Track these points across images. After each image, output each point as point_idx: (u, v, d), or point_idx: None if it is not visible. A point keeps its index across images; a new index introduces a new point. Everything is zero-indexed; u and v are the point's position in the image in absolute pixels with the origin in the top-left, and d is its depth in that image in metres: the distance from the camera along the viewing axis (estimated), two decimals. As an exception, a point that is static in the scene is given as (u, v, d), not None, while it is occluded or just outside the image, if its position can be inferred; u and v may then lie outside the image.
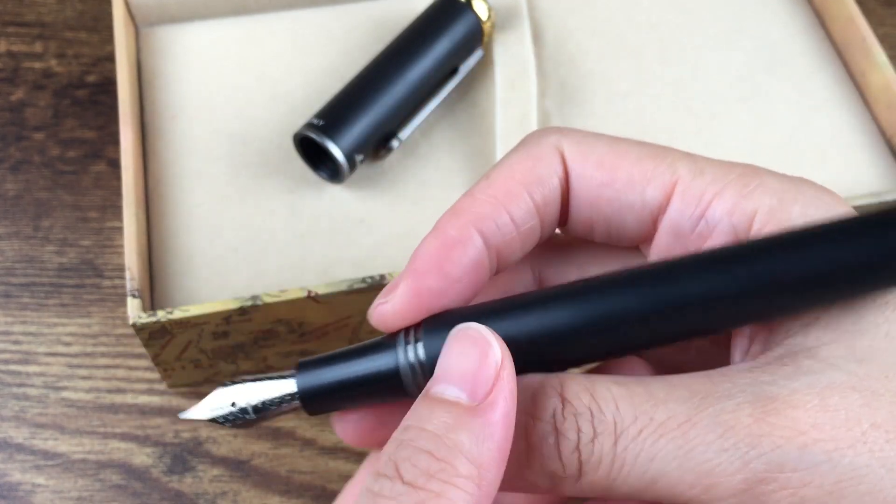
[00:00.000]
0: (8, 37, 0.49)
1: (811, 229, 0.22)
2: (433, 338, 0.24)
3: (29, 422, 0.42)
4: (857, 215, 0.22)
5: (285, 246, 0.42)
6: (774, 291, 0.22)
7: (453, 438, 0.21)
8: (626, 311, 0.23)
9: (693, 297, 0.22)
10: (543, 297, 0.24)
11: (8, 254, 0.45)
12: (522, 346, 0.23)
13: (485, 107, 0.45)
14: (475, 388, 0.22)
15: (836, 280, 0.22)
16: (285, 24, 0.46)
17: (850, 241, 0.22)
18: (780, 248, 0.22)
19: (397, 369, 0.24)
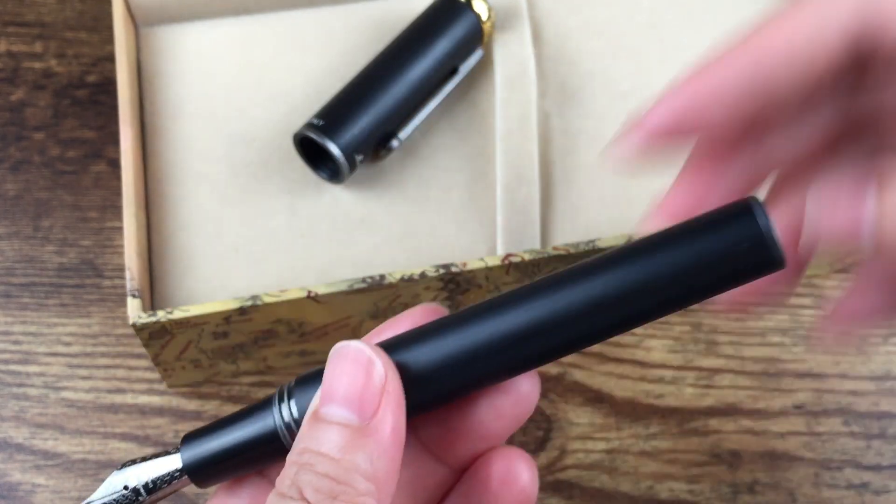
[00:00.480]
0: (8, 37, 0.49)
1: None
2: (304, 393, 0.25)
3: (29, 422, 0.42)
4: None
5: (285, 246, 0.42)
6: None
7: (349, 460, 0.22)
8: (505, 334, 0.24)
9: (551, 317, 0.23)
10: (432, 327, 0.25)
11: (8, 254, 0.45)
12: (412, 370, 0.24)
13: (485, 107, 0.45)
14: (363, 408, 0.23)
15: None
16: (285, 24, 0.46)
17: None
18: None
19: (276, 431, 0.25)
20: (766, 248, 0.22)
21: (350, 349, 0.24)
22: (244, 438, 0.26)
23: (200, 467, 0.26)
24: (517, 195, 0.42)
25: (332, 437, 0.22)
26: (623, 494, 0.42)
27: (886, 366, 0.44)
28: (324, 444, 0.22)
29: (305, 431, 0.23)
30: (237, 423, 0.26)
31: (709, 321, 0.45)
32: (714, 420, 0.43)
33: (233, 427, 0.26)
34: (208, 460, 0.26)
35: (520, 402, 0.26)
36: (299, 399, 0.25)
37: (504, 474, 0.27)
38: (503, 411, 0.26)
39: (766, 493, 0.42)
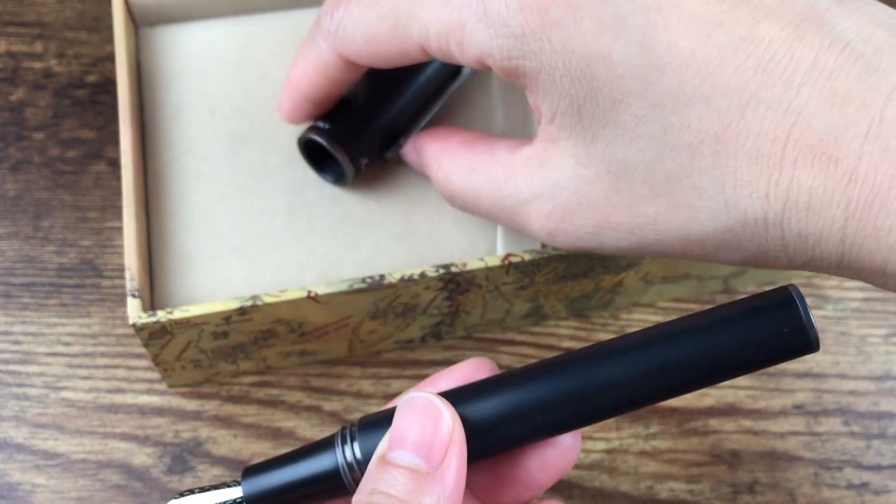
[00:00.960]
0: (8, 37, 0.49)
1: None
2: (368, 436, 0.27)
3: (29, 422, 0.42)
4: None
5: (285, 246, 0.42)
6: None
7: (418, 502, 0.24)
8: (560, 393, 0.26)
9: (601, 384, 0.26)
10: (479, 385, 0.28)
11: (8, 254, 0.45)
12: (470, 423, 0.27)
13: (485, 107, 0.45)
14: (431, 455, 0.25)
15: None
16: (285, 24, 0.46)
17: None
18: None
19: (337, 469, 0.27)
20: (807, 334, 0.25)
21: (421, 399, 0.26)
22: (305, 475, 0.27)
23: (260, 500, 0.27)
24: (517, 195, 0.42)
25: (402, 479, 0.25)
26: (623, 494, 0.42)
27: (886, 366, 0.44)
28: (393, 487, 0.24)
29: (374, 474, 0.25)
30: (299, 459, 0.28)
31: (709, 321, 0.45)
32: (714, 420, 0.43)
33: (294, 463, 0.27)
34: (268, 493, 0.27)
35: (564, 455, 0.29)
36: (363, 441, 0.27)
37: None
38: (549, 463, 0.28)
39: (766, 493, 0.42)
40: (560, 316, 0.45)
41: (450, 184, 0.35)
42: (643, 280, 0.43)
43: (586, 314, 0.45)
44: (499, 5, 0.29)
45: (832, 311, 0.45)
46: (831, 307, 0.45)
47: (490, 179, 0.33)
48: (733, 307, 0.26)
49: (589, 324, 0.45)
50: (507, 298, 0.41)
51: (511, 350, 0.44)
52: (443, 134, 0.37)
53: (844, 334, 0.45)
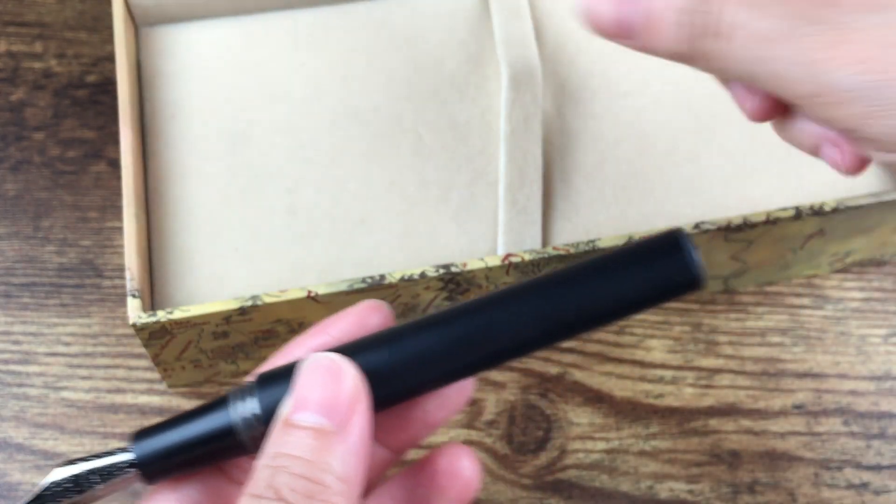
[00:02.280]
0: (8, 37, 0.49)
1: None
2: (266, 390, 0.26)
3: (29, 422, 0.42)
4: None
5: (285, 246, 0.42)
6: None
7: (324, 462, 0.24)
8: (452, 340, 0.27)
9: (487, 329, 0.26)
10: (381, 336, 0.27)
11: (8, 254, 0.45)
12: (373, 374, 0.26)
13: (485, 107, 0.45)
14: (335, 414, 0.25)
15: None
16: (285, 24, 0.46)
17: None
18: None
19: (230, 426, 0.26)
20: (696, 275, 0.26)
21: (322, 359, 0.26)
22: (200, 432, 0.27)
23: (151, 461, 0.27)
24: (519, 195, 0.42)
25: (306, 440, 0.24)
26: (623, 494, 0.42)
27: (886, 366, 0.44)
28: (297, 448, 0.24)
29: (277, 437, 0.25)
30: (193, 418, 0.27)
31: (708, 321, 0.45)
32: (714, 420, 0.43)
33: (188, 422, 0.27)
34: (161, 454, 0.27)
35: (461, 392, 0.29)
36: (261, 397, 0.26)
37: (450, 470, 0.29)
38: (446, 401, 0.29)
39: (766, 493, 0.42)
40: (560, 316, 0.45)
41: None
42: (643, 280, 0.43)
43: (586, 314, 0.45)
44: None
45: (832, 311, 0.45)
46: (831, 307, 0.45)
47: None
48: (622, 250, 0.27)
49: (589, 324, 0.45)
50: (507, 298, 0.41)
51: (511, 350, 0.44)
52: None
53: (844, 334, 0.45)
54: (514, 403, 0.43)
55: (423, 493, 0.29)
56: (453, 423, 0.43)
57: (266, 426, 0.26)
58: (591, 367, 0.44)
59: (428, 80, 0.45)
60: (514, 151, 0.42)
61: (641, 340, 0.45)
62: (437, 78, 0.45)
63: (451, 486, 0.29)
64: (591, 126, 0.45)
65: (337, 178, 0.43)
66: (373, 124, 0.44)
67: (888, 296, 0.46)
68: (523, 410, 0.43)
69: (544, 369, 0.44)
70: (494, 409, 0.43)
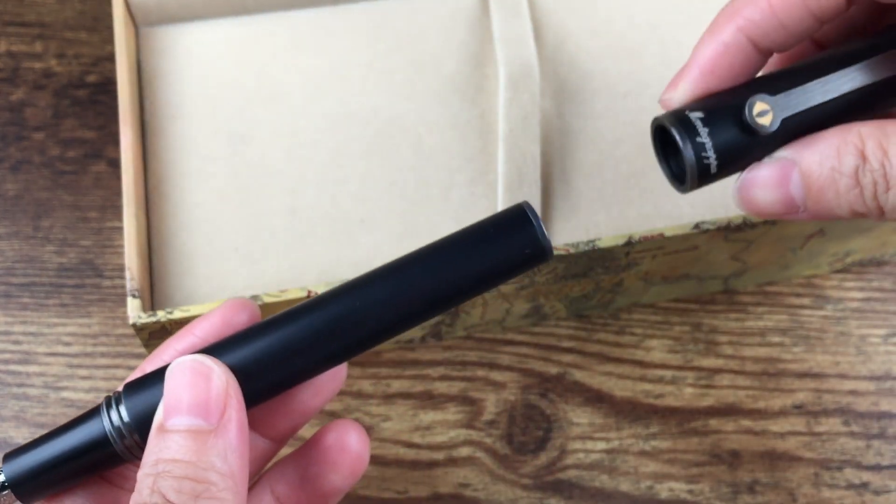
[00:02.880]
0: (8, 37, 0.49)
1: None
2: (134, 398, 0.26)
3: (29, 422, 0.42)
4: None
5: (285, 246, 0.42)
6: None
7: (205, 461, 0.24)
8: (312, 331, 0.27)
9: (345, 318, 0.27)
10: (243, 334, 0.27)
11: (8, 254, 0.45)
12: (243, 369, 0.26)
13: (485, 107, 0.45)
14: (209, 413, 0.25)
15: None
16: (285, 24, 0.46)
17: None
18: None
19: (105, 436, 0.26)
20: (543, 247, 0.27)
21: (188, 362, 0.26)
22: (71, 446, 0.26)
23: (24, 480, 0.26)
24: (518, 195, 0.42)
25: (184, 443, 0.25)
26: (623, 494, 0.42)
27: (886, 366, 0.44)
28: (177, 452, 0.24)
29: (154, 445, 0.25)
30: (62, 433, 0.27)
31: (709, 321, 0.45)
32: (714, 420, 0.43)
33: (58, 438, 0.26)
34: (33, 472, 0.26)
35: (334, 378, 0.30)
36: (129, 403, 0.26)
37: (339, 444, 0.30)
38: (320, 388, 0.29)
39: (766, 493, 0.42)
40: (560, 316, 0.45)
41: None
42: (643, 280, 0.43)
43: (586, 314, 0.45)
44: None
45: (832, 311, 0.45)
46: (831, 307, 0.45)
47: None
48: (473, 228, 0.28)
49: (589, 324, 0.45)
50: (507, 298, 0.41)
51: (511, 350, 0.44)
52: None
53: (844, 334, 0.45)
54: (514, 403, 0.43)
55: (315, 471, 0.30)
56: (453, 424, 0.43)
57: (138, 434, 0.26)
58: (591, 367, 0.44)
59: (428, 80, 0.45)
60: (512, 151, 0.42)
61: (641, 340, 0.45)
62: (437, 78, 0.45)
63: (342, 461, 0.30)
64: (591, 126, 0.45)
65: (337, 178, 0.43)
66: (373, 124, 0.44)
67: (888, 296, 0.46)
68: (523, 410, 0.43)
69: (544, 369, 0.44)
70: (494, 409, 0.43)
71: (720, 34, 0.28)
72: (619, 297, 0.44)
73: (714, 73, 0.28)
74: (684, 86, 0.29)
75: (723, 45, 0.28)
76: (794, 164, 0.27)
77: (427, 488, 0.42)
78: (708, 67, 0.28)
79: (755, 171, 0.28)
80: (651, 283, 0.43)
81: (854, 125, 0.27)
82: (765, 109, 0.27)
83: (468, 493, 0.41)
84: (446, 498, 0.41)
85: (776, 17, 0.28)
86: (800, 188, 0.27)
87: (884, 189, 0.26)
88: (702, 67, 0.29)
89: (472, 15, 0.47)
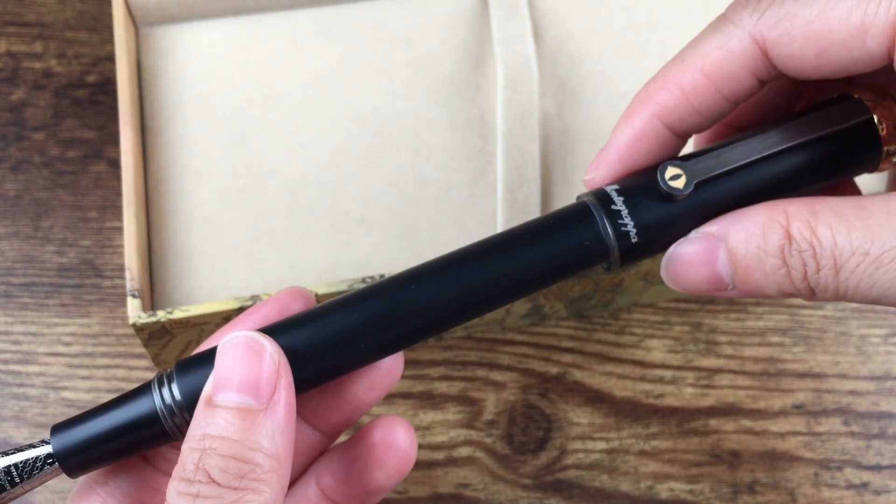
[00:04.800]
0: (8, 37, 0.49)
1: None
2: (186, 376, 0.26)
3: (29, 422, 0.42)
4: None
5: (285, 246, 0.42)
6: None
7: (252, 441, 0.24)
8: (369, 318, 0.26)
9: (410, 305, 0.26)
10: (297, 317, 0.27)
11: (8, 254, 0.45)
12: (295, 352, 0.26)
13: (485, 107, 0.45)
14: (259, 392, 0.24)
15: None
16: (285, 24, 0.46)
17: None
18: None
19: (155, 413, 0.26)
20: (604, 241, 0.27)
21: (242, 338, 0.25)
22: (120, 422, 0.26)
23: (71, 453, 0.26)
24: (518, 195, 0.42)
25: (232, 420, 0.24)
26: (623, 494, 0.42)
27: (886, 366, 0.44)
28: (224, 429, 0.24)
29: (201, 418, 0.24)
30: (113, 408, 0.26)
31: (709, 321, 0.45)
32: (714, 420, 0.43)
33: (107, 413, 0.26)
34: (81, 446, 0.26)
35: (388, 374, 0.29)
36: (181, 382, 0.26)
37: (386, 441, 0.29)
38: (374, 383, 0.29)
39: (766, 493, 0.42)
40: (560, 316, 0.45)
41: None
42: (643, 280, 0.43)
43: (586, 314, 0.45)
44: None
45: (832, 311, 0.45)
46: (831, 307, 0.45)
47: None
48: (536, 223, 0.27)
49: (589, 324, 0.45)
50: (507, 298, 0.41)
51: (511, 350, 0.44)
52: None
53: (844, 334, 0.45)
54: (514, 403, 0.43)
55: (360, 466, 0.29)
56: (453, 423, 0.43)
57: (188, 412, 0.26)
58: (591, 367, 0.44)
59: (428, 80, 0.45)
60: (511, 151, 0.42)
61: (641, 340, 0.45)
62: (436, 78, 0.45)
63: (388, 459, 0.29)
64: (591, 126, 0.45)
65: (337, 178, 0.43)
66: (373, 124, 0.44)
67: (888, 296, 0.46)
68: (523, 410, 0.43)
69: (544, 369, 0.44)
70: (494, 409, 0.43)
71: (635, 120, 0.28)
72: (619, 297, 0.44)
73: (633, 156, 0.28)
74: (604, 168, 0.28)
75: (639, 130, 0.28)
76: (720, 241, 0.26)
77: (427, 488, 0.42)
78: (626, 151, 0.28)
79: (681, 246, 0.27)
80: (651, 282, 0.43)
81: (782, 202, 0.25)
82: (677, 173, 0.27)
83: (468, 493, 0.42)
84: (446, 498, 0.41)
85: (689, 102, 0.27)
86: (727, 266, 0.26)
87: (814, 270, 0.25)
88: (620, 152, 0.28)
89: (471, 15, 0.47)
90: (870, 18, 0.24)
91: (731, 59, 0.27)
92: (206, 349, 0.27)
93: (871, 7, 0.24)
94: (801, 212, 0.25)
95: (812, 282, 0.25)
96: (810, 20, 0.25)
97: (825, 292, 0.25)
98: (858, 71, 0.25)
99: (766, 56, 0.26)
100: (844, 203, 0.25)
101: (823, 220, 0.25)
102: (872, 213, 0.24)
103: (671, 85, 0.28)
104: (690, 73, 0.27)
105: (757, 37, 0.26)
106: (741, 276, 0.26)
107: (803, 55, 0.26)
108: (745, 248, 0.26)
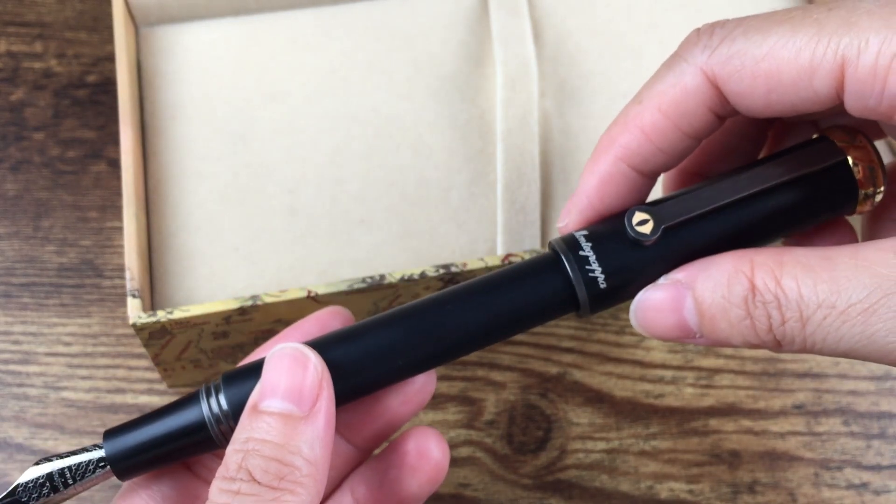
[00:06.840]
0: (8, 37, 0.49)
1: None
2: (233, 387, 0.27)
3: (29, 422, 0.42)
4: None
5: (285, 246, 0.42)
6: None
7: (293, 445, 0.25)
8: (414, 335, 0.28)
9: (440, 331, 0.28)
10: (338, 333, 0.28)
11: (8, 254, 0.45)
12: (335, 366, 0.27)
13: (485, 107, 0.45)
14: (302, 400, 0.26)
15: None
16: (285, 24, 0.46)
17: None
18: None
19: (203, 422, 0.27)
20: (573, 290, 0.27)
21: (288, 349, 0.27)
22: (169, 429, 0.27)
23: (122, 458, 0.27)
24: (517, 195, 0.42)
25: (276, 425, 0.26)
26: (623, 494, 0.42)
27: (886, 366, 0.44)
28: (268, 433, 0.25)
29: (247, 423, 0.26)
30: (163, 416, 0.28)
31: (709, 321, 0.45)
32: (714, 420, 0.43)
33: (158, 420, 0.28)
34: (132, 451, 0.27)
35: (423, 389, 0.30)
36: (228, 393, 0.27)
37: (419, 451, 0.30)
38: (409, 398, 0.30)
39: (766, 493, 0.42)
40: (560, 316, 0.45)
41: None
42: (643, 280, 0.43)
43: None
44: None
45: (832, 311, 0.45)
46: (831, 307, 0.45)
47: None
48: (504, 272, 0.28)
49: (589, 324, 0.45)
50: (507, 298, 0.41)
51: (511, 350, 0.44)
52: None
53: (844, 334, 0.45)
54: (514, 403, 0.43)
55: (394, 475, 0.30)
56: (453, 423, 0.43)
57: (233, 420, 0.27)
58: (591, 367, 0.44)
59: (428, 80, 0.45)
60: (511, 151, 0.42)
61: (641, 340, 0.45)
62: (437, 78, 0.45)
63: (421, 468, 0.30)
64: (590, 126, 0.45)
65: (337, 178, 0.43)
66: (373, 124, 0.44)
67: (888, 296, 0.46)
68: (523, 410, 0.43)
69: (544, 369, 0.44)
70: (494, 409, 0.43)
71: (600, 164, 0.28)
72: (619, 297, 0.44)
73: (602, 200, 0.28)
74: (575, 213, 0.29)
75: (605, 174, 0.28)
76: (687, 289, 0.26)
77: (427, 488, 0.42)
78: (595, 196, 0.28)
79: (649, 292, 0.27)
80: (651, 283, 0.43)
81: (749, 251, 0.25)
82: (645, 218, 0.27)
83: (468, 493, 0.42)
84: (446, 498, 0.41)
85: (651, 142, 0.27)
86: (694, 314, 0.26)
87: (779, 322, 0.24)
88: (589, 197, 0.28)
89: (471, 14, 0.47)
90: (818, 60, 0.24)
91: (686, 95, 0.27)
92: (250, 362, 0.28)
93: (820, 48, 0.24)
94: (766, 262, 0.25)
95: (778, 334, 0.25)
96: (759, 59, 0.25)
97: (791, 344, 0.25)
98: (808, 110, 0.25)
99: (719, 91, 0.26)
100: (811, 254, 0.24)
101: (789, 271, 0.24)
102: (839, 265, 0.24)
103: (632, 126, 0.28)
104: (649, 112, 0.27)
105: (708, 73, 0.26)
106: (707, 325, 0.26)
107: (753, 93, 0.25)
108: (712, 297, 0.25)
